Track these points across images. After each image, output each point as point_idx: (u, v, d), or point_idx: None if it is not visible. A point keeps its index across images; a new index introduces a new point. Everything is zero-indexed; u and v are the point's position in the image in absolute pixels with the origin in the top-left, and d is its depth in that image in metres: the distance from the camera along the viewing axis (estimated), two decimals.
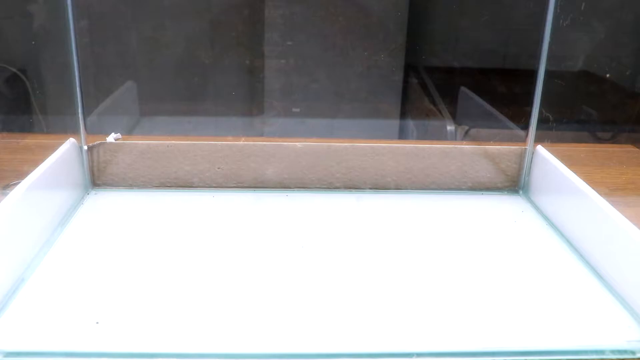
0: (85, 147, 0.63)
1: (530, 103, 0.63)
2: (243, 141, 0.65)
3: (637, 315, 0.45)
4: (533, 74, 0.62)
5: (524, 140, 0.65)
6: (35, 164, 0.55)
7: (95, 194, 0.64)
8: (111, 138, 0.65)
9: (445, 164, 0.66)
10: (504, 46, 1.05)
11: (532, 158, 0.65)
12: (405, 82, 1.02)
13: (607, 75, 0.94)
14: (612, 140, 0.97)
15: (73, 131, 0.62)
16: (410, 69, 1.03)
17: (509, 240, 0.56)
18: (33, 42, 0.86)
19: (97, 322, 0.42)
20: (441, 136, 0.95)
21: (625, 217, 0.49)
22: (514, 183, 0.67)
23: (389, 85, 1.01)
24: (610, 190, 0.67)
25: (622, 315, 0.45)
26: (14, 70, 0.88)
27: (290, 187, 0.65)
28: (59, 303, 0.44)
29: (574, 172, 0.58)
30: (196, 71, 0.97)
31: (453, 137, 0.94)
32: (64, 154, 0.60)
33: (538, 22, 0.60)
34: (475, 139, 0.86)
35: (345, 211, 0.55)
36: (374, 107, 1.01)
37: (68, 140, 0.61)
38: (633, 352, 0.41)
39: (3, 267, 0.45)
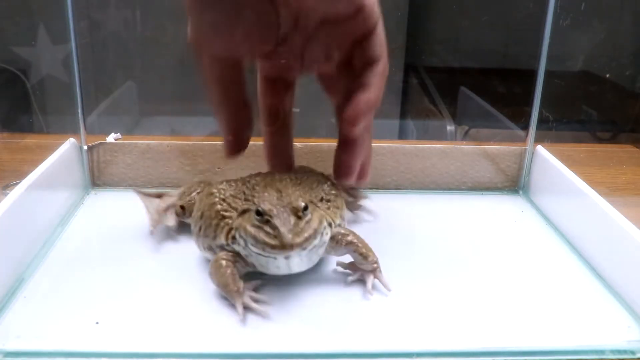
0: (85, 147, 0.63)
1: (530, 103, 0.63)
2: None
3: (637, 315, 0.45)
4: (533, 74, 0.62)
5: (524, 140, 0.65)
6: (35, 164, 0.55)
7: (95, 194, 0.64)
8: (111, 138, 0.65)
9: (445, 164, 0.66)
10: (504, 46, 1.05)
11: (532, 158, 0.65)
12: (405, 82, 1.02)
13: (607, 75, 0.94)
14: (612, 140, 0.97)
15: (73, 131, 0.62)
16: (410, 69, 1.03)
17: (509, 240, 0.56)
18: (33, 42, 0.86)
19: (97, 322, 0.42)
20: (441, 136, 0.95)
21: (625, 217, 0.49)
22: (514, 183, 0.67)
23: (388, 85, 1.01)
24: (610, 190, 0.67)
25: (622, 315, 0.45)
26: (14, 70, 0.88)
27: None
28: (59, 303, 0.44)
29: (574, 172, 0.58)
30: (196, 71, 0.97)
31: (453, 137, 0.94)
32: (64, 154, 0.60)
33: (538, 22, 0.60)
34: (475, 139, 0.86)
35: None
36: None
37: (68, 140, 0.61)
38: (633, 352, 0.41)
39: (3, 267, 0.45)
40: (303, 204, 0.42)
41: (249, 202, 0.44)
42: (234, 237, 0.44)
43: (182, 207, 0.54)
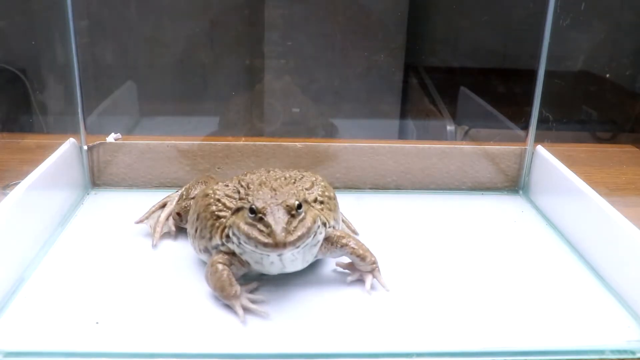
0: (85, 147, 0.63)
1: (530, 103, 0.63)
2: (243, 141, 0.65)
3: (637, 315, 0.45)
4: (533, 74, 0.62)
5: (524, 140, 0.65)
6: (35, 164, 0.55)
7: (95, 194, 0.64)
8: (111, 138, 0.65)
9: (445, 164, 0.66)
10: (504, 46, 1.05)
11: (532, 158, 0.65)
12: (405, 82, 1.02)
13: (607, 75, 0.94)
14: (612, 140, 0.97)
15: (73, 131, 0.62)
16: (410, 69, 1.03)
17: (509, 240, 0.56)
18: (33, 42, 0.86)
19: (97, 322, 0.42)
20: (441, 136, 0.95)
21: (625, 217, 0.49)
22: (514, 183, 0.67)
23: (389, 85, 1.01)
24: (610, 190, 0.67)
25: (622, 315, 0.45)
26: (14, 70, 0.88)
27: None
28: (59, 303, 0.44)
29: (574, 172, 0.58)
30: (196, 71, 0.97)
31: (453, 137, 0.94)
32: (64, 154, 0.60)
33: (538, 22, 0.60)
34: (475, 139, 0.86)
35: (344, 211, 0.55)
36: (374, 107, 1.01)
37: (68, 140, 0.61)
38: (633, 352, 0.41)
39: (3, 267, 0.45)
40: (297, 202, 0.42)
41: (243, 201, 0.44)
42: (227, 235, 0.45)
43: (178, 214, 0.55)
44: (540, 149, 0.64)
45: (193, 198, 0.53)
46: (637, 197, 0.68)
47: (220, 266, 0.44)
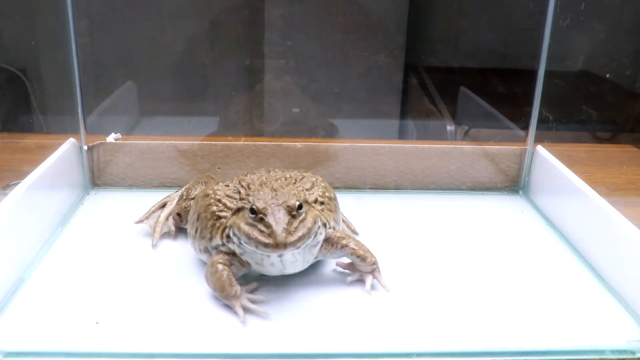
0: (85, 147, 0.63)
1: (530, 103, 0.63)
2: (243, 141, 0.65)
3: (637, 315, 0.45)
4: (533, 74, 0.62)
5: (524, 140, 0.65)
6: (35, 164, 0.55)
7: (95, 194, 0.64)
8: (111, 138, 0.65)
9: (445, 164, 0.66)
10: (504, 46, 1.05)
11: (532, 158, 0.65)
12: (405, 82, 1.02)
13: (607, 75, 0.94)
14: (612, 140, 0.97)
15: (73, 131, 0.62)
16: (410, 69, 1.03)
17: (509, 240, 0.56)
18: (33, 42, 0.86)
19: (97, 322, 0.42)
20: (441, 136, 0.95)
21: (625, 217, 0.49)
22: (514, 183, 0.67)
23: (389, 85, 1.01)
24: (610, 190, 0.67)
25: (622, 315, 0.45)
26: (14, 70, 0.88)
27: None
28: (59, 303, 0.44)
29: (574, 172, 0.58)
30: (196, 71, 0.97)
31: (453, 137, 0.94)
32: (64, 154, 0.60)
33: (538, 22, 0.60)
34: (475, 139, 0.86)
35: (344, 211, 0.55)
36: (374, 107, 1.01)
37: (68, 140, 0.61)
38: (633, 352, 0.41)
39: (3, 267, 0.45)
40: (297, 203, 0.42)
41: (244, 201, 0.44)
42: (228, 236, 0.45)
43: (178, 214, 0.55)
44: (540, 149, 0.64)
45: (193, 198, 0.53)
46: (637, 197, 0.68)
47: (220, 266, 0.44)
